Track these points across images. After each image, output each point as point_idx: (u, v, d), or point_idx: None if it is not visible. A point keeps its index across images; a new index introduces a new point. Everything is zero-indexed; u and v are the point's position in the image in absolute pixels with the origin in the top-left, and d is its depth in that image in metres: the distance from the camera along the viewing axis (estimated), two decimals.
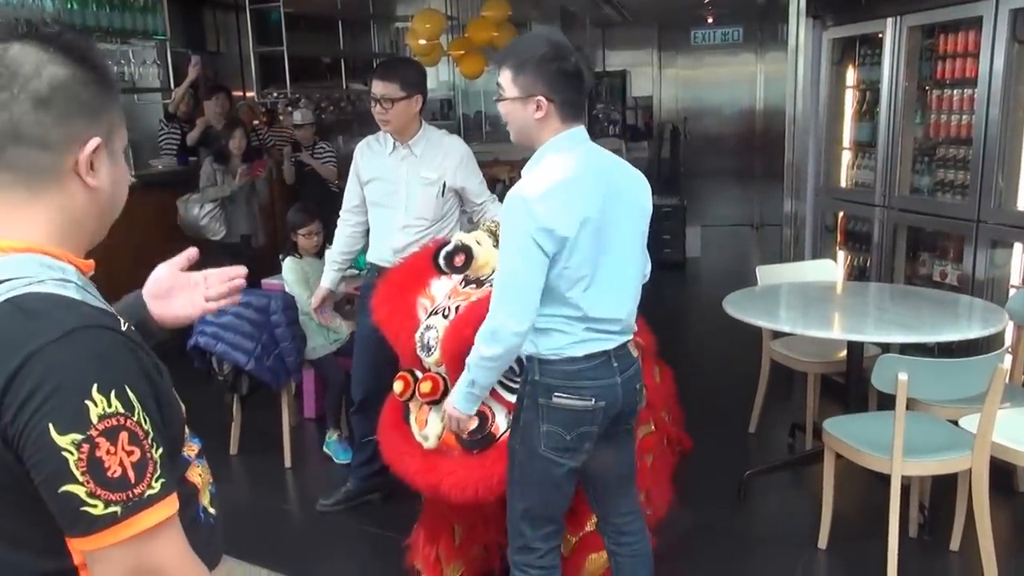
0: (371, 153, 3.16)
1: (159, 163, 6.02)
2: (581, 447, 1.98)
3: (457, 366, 2.17)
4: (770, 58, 9.68)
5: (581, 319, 1.92)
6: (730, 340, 4.46)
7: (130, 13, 5.26)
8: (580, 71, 1.91)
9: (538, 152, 1.96)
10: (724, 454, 3.70)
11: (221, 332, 3.53)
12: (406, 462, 2.35)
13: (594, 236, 1.88)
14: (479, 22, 6.88)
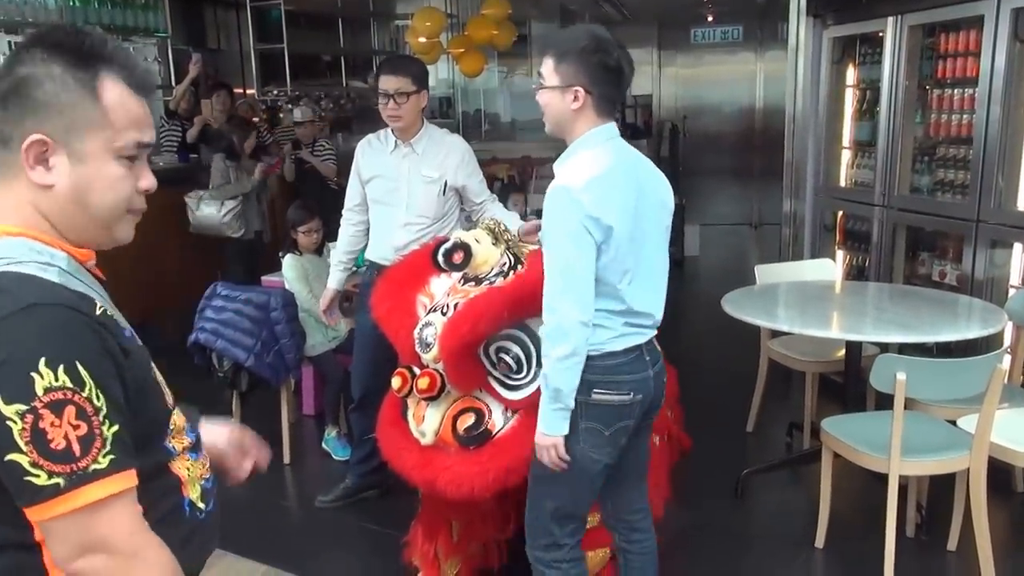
0: (372, 151, 3.16)
1: (160, 160, 6.01)
2: (618, 442, 2.00)
3: (455, 363, 2.17)
4: (770, 57, 9.67)
5: (623, 313, 1.93)
6: (728, 339, 4.47)
7: (132, 11, 5.28)
8: (621, 67, 1.92)
9: (571, 146, 1.97)
10: (722, 453, 3.71)
11: (221, 328, 3.54)
12: (403, 457, 2.35)
13: (632, 229, 1.90)
14: (479, 20, 6.90)
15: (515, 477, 2.15)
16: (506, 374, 2.23)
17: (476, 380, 2.26)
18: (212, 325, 3.57)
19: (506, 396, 2.23)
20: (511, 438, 2.20)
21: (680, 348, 4.70)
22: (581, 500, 2.05)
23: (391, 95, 2.95)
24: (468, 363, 2.22)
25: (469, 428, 2.25)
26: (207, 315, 3.63)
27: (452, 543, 2.50)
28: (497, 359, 2.23)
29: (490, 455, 2.20)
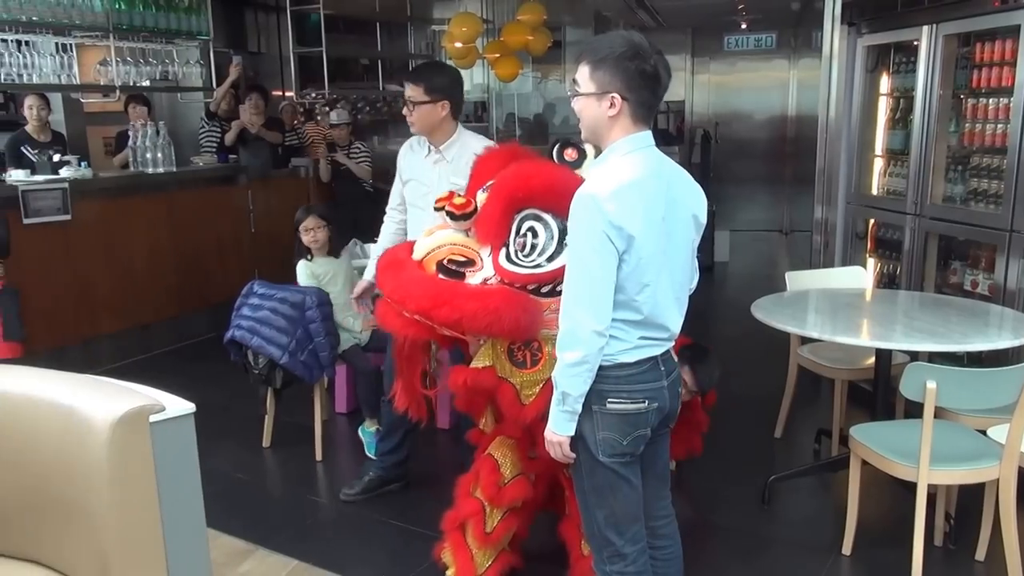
0: (411, 154, 3.24)
1: (199, 160, 6.17)
2: (637, 451, 2.01)
3: (499, 209, 2.24)
4: (803, 64, 9.65)
5: (639, 324, 1.93)
6: (757, 345, 4.48)
7: (175, 14, 5.39)
8: (658, 74, 1.91)
9: (604, 152, 1.97)
10: (750, 458, 3.73)
11: (257, 326, 3.62)
12: (390, 274, 2.40)
13: (657, 240, 1.90)
14: (514, 26, 6.96)
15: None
16: (518, 249, 2.25)
17: (497, 239, 2.28)
18: (248, 323, 3.65)
19: (502, 264, 2.26)
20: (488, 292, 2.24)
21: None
22: (626, 503, 2.05)
23: (406, 101, 3.07)
24: (505, 217, 2.25)
25: (452, 262, 2.30)
26: (243, 313, 3.71)
27: (485, 534, 2.54)
28: (521, 231, 2.25)
29: (445, 288, 2.25)
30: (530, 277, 2.22)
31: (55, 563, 1.87)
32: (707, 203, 2.11)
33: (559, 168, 2.28)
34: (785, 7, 8.78)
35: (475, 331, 2.24)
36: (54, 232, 4.74)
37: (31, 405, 1.81)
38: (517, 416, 2.32)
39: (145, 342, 5.37)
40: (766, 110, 10.08)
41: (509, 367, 2.32)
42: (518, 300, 2.19)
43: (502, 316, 2.15)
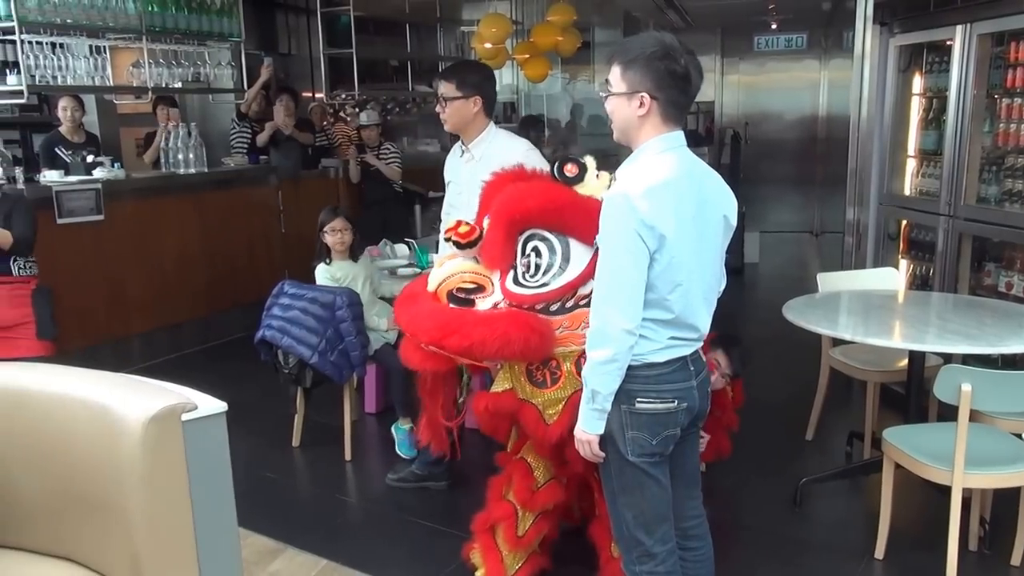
0: (452, 157, 3.31)
1: (230, 161, 6.23)
2: (666, 450, 2.00)
3: (502, 233, 2.27)
4: (834, 65, 9.55)
5: (669, 324, 1.93)
6: (788, 347, 4.44)
7: (207, 16, 5.45)
8: (688, 74, 1.91)
9: (635, 152, 1.97)
10: (781, 460, 3.69)
11: (287, 326, 3.65)
12: (405, 308, 2.44)
13: (688, 240, 1.90)
14: (544, 27, 6.96)
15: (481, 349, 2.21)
16: (524, 271, 2.27)
17: (502, 263, 2.31)
18: (279, 323, 3.68)
19: (509, 287, 2.28)
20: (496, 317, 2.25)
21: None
22: (655, 503, 2.04)
23: (439, 97, 3.11)
24: (508, 241, 2.28)
25: (462, 290, 2.33)
26: (274, 313, 3.74)
27: (517, 537, 2.54)
28: (526, 251, 2.27)
29: (457, 316, 2.27)
30: (536, 297, 2.23)
31: (88, 560, 1.90)
32: (737, 204, 2.11)
33: (555, 186, 2.28)
34: (816, 7, 8.68)
35: (487, 356, 2.26)
36: (87, 232, 4.81)
37: (65, 403, 1.84)
38: (543, 436, 2.32)
39: (175, 341, 5.44)
40: (796, 110, 9.99)
41: (530, 388, 2.32)
42: (526, 321, 2.20)
43: (512, 339, 2.17)
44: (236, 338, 5.59)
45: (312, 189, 6.44)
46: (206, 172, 5.71)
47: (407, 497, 3.45)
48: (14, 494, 1.93)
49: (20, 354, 3.53)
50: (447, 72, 3.14)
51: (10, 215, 3.56)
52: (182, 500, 1.75)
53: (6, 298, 3.58)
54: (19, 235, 3.53)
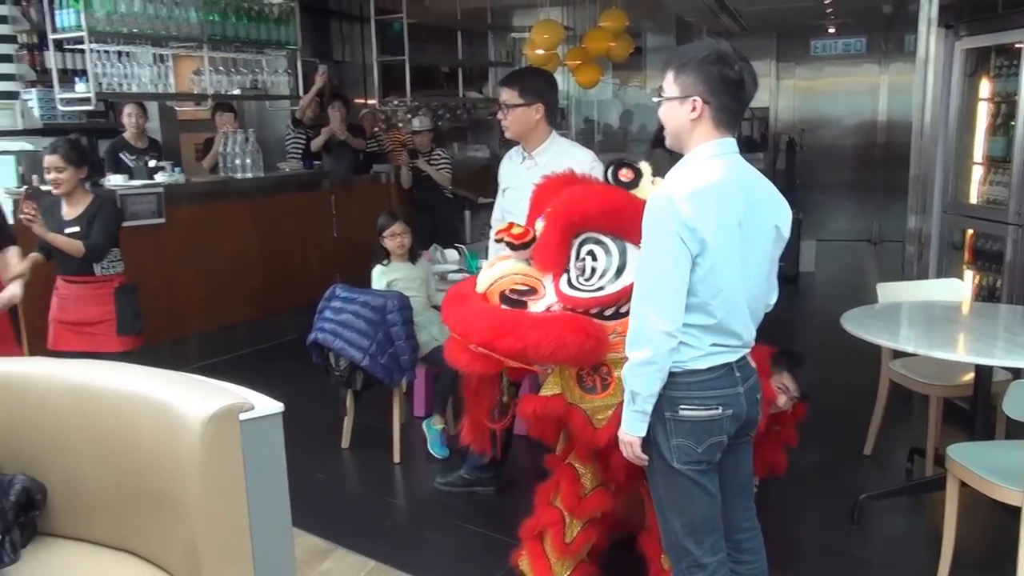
0: (509, 163, 3.29)
1: (286, 166, 6.33)
2: (713, 458, 1.97)
3: (557, 236, 2.26)
4: (894, 69, 9.35)
5: (711, 330, 1.91)
6: (846, 358, 4.34)
7: (265, 25, 5.56)
8: (743, 80, 1.90)
9: (686, 156, 1.96)
10: (838, 475, 3.60)
11: (339, 329, 3.69)
12: (454, 308, 2.42)
13: (733, 246, 1.88)
14: (596, 33, 6.94)
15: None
16: (579, 274, 2.25)
17: (556, 266, 2.30)
18: (331, 325, 3.72)
19: (563, 290, 2.26)
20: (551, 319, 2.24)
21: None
22: (704, 512, 2.02)
23: (500, 104, 3.11)
24: (563, 243, 2.27)
25: (514, 291, 2.32)
26: (326, 316, 3.78)
27: (564, 544, 2.51)
28: (580, 256, 2.26)
29: (509, 318, 2.26)
30: (592, 301, 2.22)
31: (148, 554, 1.94)
32: (792, 213, 2.06)
33: (613, 189, 2.27)
34: (876, 10, 8.49)
35: (540, 359, 2.25)
36: (148, 235, 4.93)
37: (131, 401, 1.88)
38: (590, 441, 2.31)
39: (230, 342, 5.54)
40: (855, 116, 9.79)
41: (579, 393, 2.31)
42: (581, 325, 2.19)
43: (566, 342, 2.15)
44: (288, 340, 5.67)
45: (364, 194, 6.51)
46: (262, 177, 5.81)
47: (455, 501, 3.44)
48: (81, 487, 1.98)
49: (102, 348, 3.64)
50: (509, 79, 3.14)
51: (94, 219, 3.68)
52: (239, 497, 1.78)
53: (89, 297, 3.69)
54: (92, 244, 3.63)
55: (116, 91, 4.95)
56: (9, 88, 6.03)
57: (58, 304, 3.71)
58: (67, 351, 3.56)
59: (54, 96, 5.09)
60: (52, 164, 3.56)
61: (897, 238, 5.28)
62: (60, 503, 2.01)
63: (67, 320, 3.70)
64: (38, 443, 2.00)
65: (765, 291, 2.04)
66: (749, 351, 2.03)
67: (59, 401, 1.98)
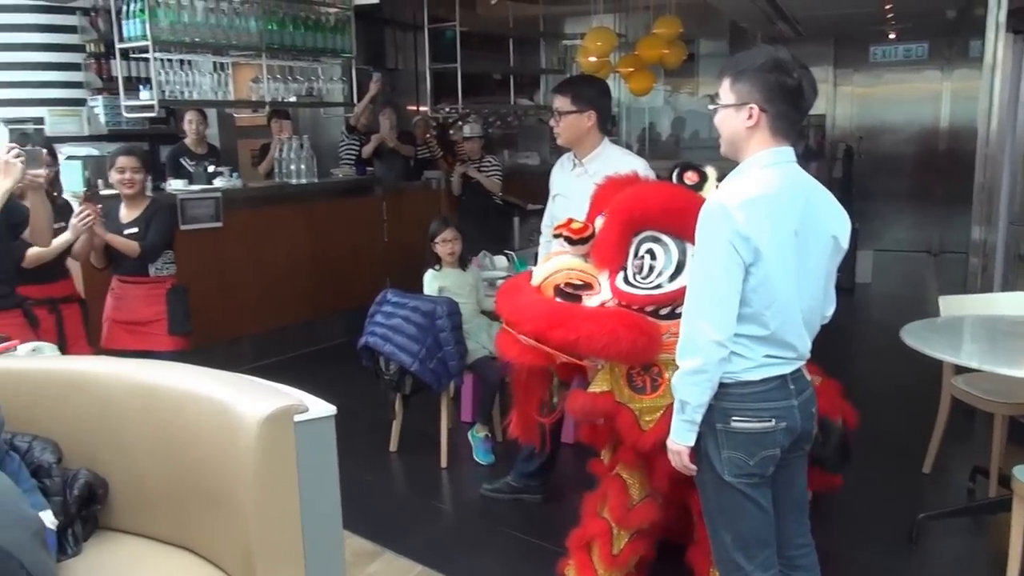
0: (560, 170, 3.29)
1: (339, 172, 6.43)
2: (766, 471, 1.94)
3: (616, 232, 2.26)
4: (958, 75, 9.10)
5: (764, 341, 1.88)
6: (905, 373, 4.22)
7: (322, 33, 5.66)
8: (801, 88, 1.88)
9: (742, 164, 1.94)
10: (896, 494, 3.51)
11: (390, 334, 3.72)
12: (508, 298, 2.44)
13: (788, 256, 1.85)
14: (650, 39, 6.90)
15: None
16: (636, 271, 2.24)
17: (614, 262, 2.29)
18: (381, 330, 3.76)
19: (619, 286, 2.25)
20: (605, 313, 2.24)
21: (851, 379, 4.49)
22: (755, 526, 1.98)
23: (553, 111, 3.11)
24: (622, 240, 2.27)
25: (570, 285, 2.31)
26: (377, 320, 3.82)
27: (612, 556, 2.49)
28: (639, 254, 2.24)
29: (561, 310, 2.27)
30: (648, 298, 2.20)
31: (204, 551, 1.97)
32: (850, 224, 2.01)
33: (677, 189, 2.26)
34: (939, 15, 8.29)
35: (591, 353, 2.23)
36: (206, 238, 5.05)
37: (191, 400, 1.92)
38: (636, 442, 2.28)
39: (282, 344, 5.63)
40: (915, 123, 9.55)
41: (628, 392, 2.28)
42: (636, 322, 2.17)
43: (620, 337, 2.13)
44: (338, 343, 5.74)
45: (414, 200, 6.57)
46: (316, 182, 5.91)
47: (502, 508, 3.44)
48: (142, 483, 2.03)
49: (153, 347, 3.74)
50: (562, 86, 3.15)
51: (151, 220, 3.79)
52: (292, 498, 1.80)
53: (142, 297, 3.80)
54: (148, 245, 3.74)
55: (178, 98, 5.09)
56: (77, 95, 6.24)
57: (113, 303, 3.82)
58: (120, 349, 3.67)
59: (119, 103, 5.24)
60: (128, 165, 3.68)
61: (958, 249, 5.13)
62: (121, 498, 2.06)
63: (121, 319, 3.80)
64: (101, 439, 2.06)
65: (821, 303, 2.00)
66: (804, 364, 1.99)
67: (122, 399, 2.04)
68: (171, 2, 4.76)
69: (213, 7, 5.01)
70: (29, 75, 6.04)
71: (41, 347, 2.57)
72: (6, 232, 2.80)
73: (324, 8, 5.72)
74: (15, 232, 2.89)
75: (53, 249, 3.32)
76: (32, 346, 2.54)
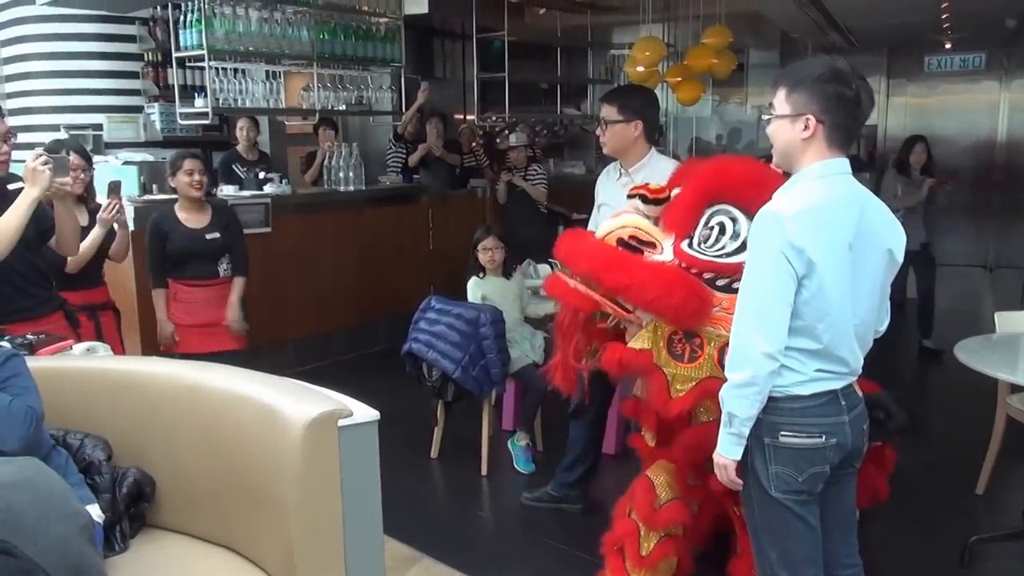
0: (606, 179, 3.30)
1: (386, 179, 6.50)
2: (814, 489, 1.91)
3: (692, 199, 2.28)
4: (1017, 86, 8.87)
5: (815, 355, 1.85)
6: (958, 390, 4.12)
7: (372, 43, 5.75)
8: (859, 98, 1.86)
9: (795, 175, 1.92)
10: (947, 514, 3.42)
11: (433, 340, 3.74)
12: (568, 240, 2.45)
13: (842, 268, 1.83)
14: (699, 49, 6.85)
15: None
16: (703, 240, 2.24)
17: (683, 227, 2.29)
18: (425, 336, 3.78)
19: (683, 248, 2.26)
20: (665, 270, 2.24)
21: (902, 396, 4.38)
22: (802, 544, 1.94)
23: (600, 120, 3.13)
24: (696, 206, 2.27)
25: (635, 238, 2.32)
26: (421, 326, 3.85)
27: (640, 557, 2.47)
28: (709, 224, 2.24)
29: (626, 261, 2.27)
30: (709, 264, 2.20)
31: (248, 552, 2.01)
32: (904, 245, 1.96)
33: (761, 166, 2.26)
34: (998, 25, 8.07)
35: (641, 302, 2.21)
36: (255, 243, 5.11)
37: (239, 402, 1.96)
38: (662, 407, 2.25)
39: (326, 349, 5.71)
40: (971, 135, 9.31)
41: (665, 356, 2.25)
42: (692, 283, 2.16)
43: (673, 291, 2.12)
44: (382, 349, 5.79)
45: (460, 208, 6.61)
46: (363, 189, 5.99)
47: (541, 517, 3.43)
48: (188, 482, 2.08)
49: (226, 347, 3.81)
50: (609, 95, 3.16)
51: (229, 225, 3.88)
52: (334, 501, 1.82)
53: (215, 298, 3.86)
54: (241, 260, 3.89)
55: (231, 106, 5.21)
56: (134, 103, 6.43)
57: (184, 309, 3.79)
58: (194, 353, 3.61)
59: (175, 110, 5.39)
60: (196, 167, 3.72)
61: (1015, 264, 5.00)
62: (168, 497, 2.11)
63: (195, 323, 3.79)
64: (151, 438, 2.11)
65: (875, 317, 1.96)
66: (856, 379, 1.95)
67: (173, 399, 2.09)
68: (227, 12, 4.88)
69: (267, 17, 5.13)
70: (89, 82, 6.26)
71: (95, 347, 2.64)
72: (36, 238, 2.85)
73: (374, 18, 5.80)
74: (43, 239, 2.92)
75: (89, 248, 3.38)
76: (87, 345, 2.62)
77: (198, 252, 3.77)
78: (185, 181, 3.72)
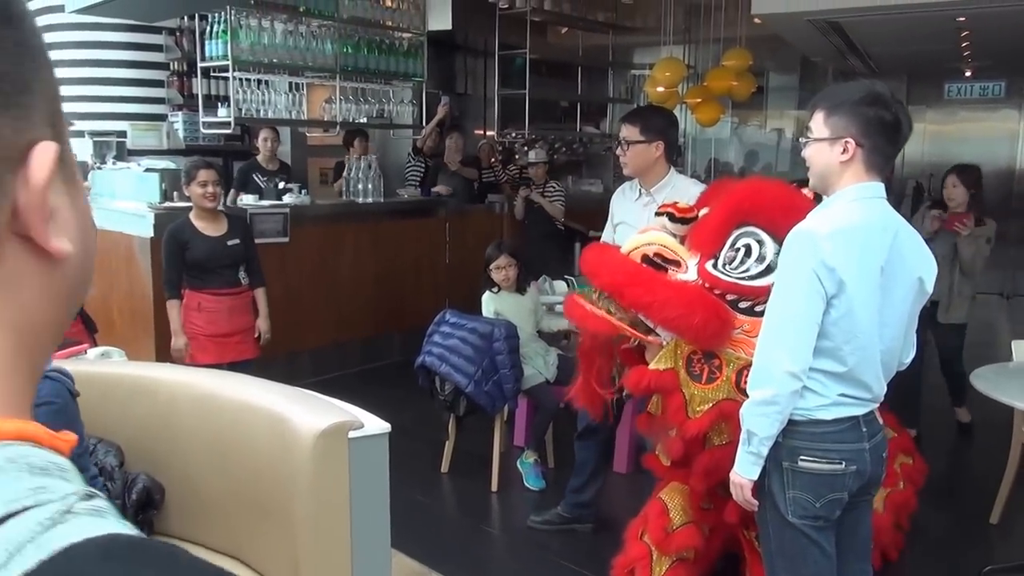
0: (623, 197, 3.29)
1: (404, 192, 6.54)
2: (831, 515, 1.89)
3: (720, 219, 2.27)
4: None
5: (839, 378, 1.84)
6: (974, 419, 4.07)
7: (395, 57, 5.80)
8: (899, 122, 1.86)
9: (831, 197, 1.91)
10: (960, 543, 3.37)
11: (446, 354, 3.74)
12: (593, 253, 2.46)
13: (872, 291, 1.82)
14: (719, 71, 6.87)
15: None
16: (728, 261, 2.23)
17: (709, 247, 2.28)
18: (439, 350, 3.78)
19: (708, 268, 2.25)
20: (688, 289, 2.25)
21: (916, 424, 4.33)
22: (817, 571, 1.93)
23: (620, 141, 3.12)
24: (724, 227, 2.27)
25: (659, 255, 2.32)
26: (434, 340, 3.85)
27: None
28: (735, 246, 2.24)
29: (649, 278, 2.27)
30: (732, 286, 2.19)
31: (255, 563, 2.01)
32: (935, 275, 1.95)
33: (791, 190, 2.26)
34: (1019, 52, 8.04)
35: (662, 321, 2.21)
36: (273, 252, 5.17)
37: (250, 411, 1.97)
38: (679, 427, 2.25)
39: (341, 360, 5.72)
40: (990, 163, 9.21)
41: (684, 376, 2.25)
42: (714, 304, 2.16)
43: (695, 311, 2.12)
44: (396, 361, 5.80)
45: (477, 223, 6.63)
46: (382, 202, 6.02)
47: (551, 535, 3.41)
48: (197, 491, 2.08)
49: (246, 356, 3.85)
50: (631, 116, 3.16)
51: (244, 235, 3.91)
52: (343, 513, 1.82)
53: (242, 307, 3.89)
54: (258, 269, 3.92)
55: (254, 116, 5.26)
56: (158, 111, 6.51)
57: (207, 319, 3.78)
58: (212, 363, 3.60)
59: (198, 119, 5.45)
60: (210, 178, 3.72)
61: None
62: (176, 505, 2.12)
63: (219, 332, 3.80)
64: (162, 445, 2.12)
65: (900, 345, 1.95)
66: (877, 407, 1.94)
67: (185, 407, 2.10)
68: (252, 24, 4.95)
69: (292, 30, 5.19)
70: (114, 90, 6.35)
71: (110, 351, 2.66)
72: None
73: (398, 33, 5.86)
74: None
75: None
76: (101, 350, 2.64)
77: (221, 259, 3.77)
78: (199, 192, 3.71)
